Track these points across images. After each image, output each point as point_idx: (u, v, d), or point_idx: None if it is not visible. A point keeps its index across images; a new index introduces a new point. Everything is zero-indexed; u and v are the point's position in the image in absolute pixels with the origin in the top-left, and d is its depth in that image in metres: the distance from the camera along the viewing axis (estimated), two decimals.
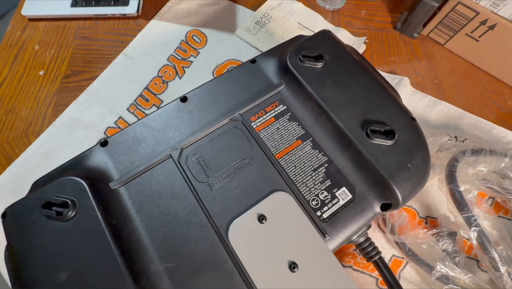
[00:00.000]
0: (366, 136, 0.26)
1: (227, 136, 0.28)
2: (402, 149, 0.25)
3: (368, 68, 0.29)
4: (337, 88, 0.28)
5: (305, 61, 0.29)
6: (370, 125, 0.26)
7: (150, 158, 0.27)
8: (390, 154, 0.25)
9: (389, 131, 0.26)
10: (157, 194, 0.26)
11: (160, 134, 0.28)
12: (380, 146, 0.26)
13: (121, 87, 0.45)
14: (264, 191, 0.26)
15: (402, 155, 0.25)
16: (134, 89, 0.45)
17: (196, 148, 0.28)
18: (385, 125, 0.26)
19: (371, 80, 0.29)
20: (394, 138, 0.25)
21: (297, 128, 0.29)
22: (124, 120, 0.43)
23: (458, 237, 0.34)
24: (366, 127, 0.26)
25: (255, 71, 0.31)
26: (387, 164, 0.25)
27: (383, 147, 0.25)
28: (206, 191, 0.26)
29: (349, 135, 0.26)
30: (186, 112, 0.29)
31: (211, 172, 0.27)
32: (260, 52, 0.48)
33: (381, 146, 0.26)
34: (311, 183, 0.27)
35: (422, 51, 0.49)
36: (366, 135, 0.26)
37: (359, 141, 0.26)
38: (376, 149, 0.25)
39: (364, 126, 0.26)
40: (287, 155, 0.28)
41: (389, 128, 0.26)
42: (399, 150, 0.25)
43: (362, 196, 0.26)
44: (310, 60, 0.29)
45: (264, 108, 0.30)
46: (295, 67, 0.29)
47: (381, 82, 0.29)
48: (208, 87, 0.31)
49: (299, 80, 0.29)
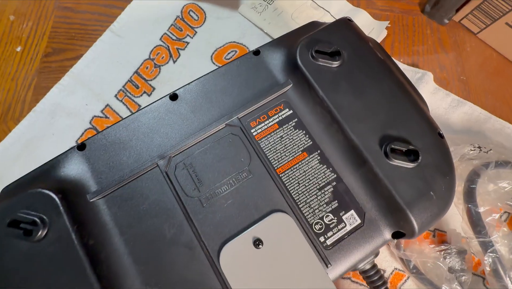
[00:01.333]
0: (384, 155, 0.22)
1: (223, 145, 0.24)
2: (425, 173, 0.22)
3: (393, 70, 0.25)
4: (354, 94, 0.24)
5: (319, 58, 0.24)
6: (391, 143, 0.22)
7: (134, 167, 0.24)
8: (411, 178, 0.22)
9: (412, 152, 0.22)
10: (141, 208, 0.23)
11: (146, 139, 0.25)
12: (399, 168, 0.22)
13: (108, 70, 0.40)
14: (262, 211, 0.23)
15: (424, 180, 0.22)
16: (123, 73, 0.40)
17: (187, 157, 0.24)
18: (408, 144, 0.22)
19: (396, 86, 0.24)
20: (417, 160, 0.22)
21: (303, 138, 0.25)
22: (112, 109, 0.39)
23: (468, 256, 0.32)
24: (386, 145, 0.22)
25: (258, 66, 0.27)
26: (405, 191, 0.21)
27: (402, 170, 0.22)
28: (197, 207, 0.23)
29: (364, 153, 0.22)
30: (176, 113, 0.25)
31: (202, 185, 0.23)
32: (265, 34, 0.42)
33: (401, 169, 0.22)
34: (315, 203, 0.23)
35: (450, 41, 0.43)
36: (385, 155, 0.22)
37: (375, 161, 0.22)
38: (395, 172, 0.22)
39: (383, 143, 0.22)
40: (290, 170, 0.24)
41: (413, 148, 0.22)
42: (422, 175, 0.22)
43: (372, 222, 0.23)
44: (324, 57, 0.24)
45: (266, 112, 0.26)
46: (306, 65, 0.24)
47: (407, 89, 0.24)
48: (202, 83, 0.26)
49: (310, 81, 0.24)
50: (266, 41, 0.43)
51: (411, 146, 0.22)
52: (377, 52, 0.25)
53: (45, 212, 0.20)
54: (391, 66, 0.25)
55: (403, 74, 0.25)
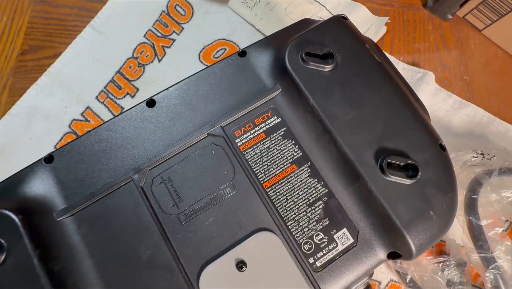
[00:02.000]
0: (380, 170, 0.20)
1: (204, 156, 0.22)
2: (425, 190, 0.20)
3: (392, 75, 0.22)
4: (348, 102, 0.21)
5: (309, 62, 0.22)
6: (387, 156, 0.20)
7: (106, 181, 0.22)
8: (409, 196, 0.20)
9: (411, 166, 0.20)
10: (114, 227, 0.21)
11: (120, 150, 0.22)
12: (396, 185, 0.20)
13: (89, 70, 0.37)
14: (246, 229, 0.21)
15: (423, 198, 0.20)
16: (104, 73, 0.37)
17: (164, 170, 0.22)
18: (406, 157, 0.20)
19: (394, 93, 0.22)
20: (416, 176, 0.20)
21: (292, 149, 0.23)
22: (93, 111, 0.36)
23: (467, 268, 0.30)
24: (382, 158, 0.20)
25: (244, 69, 0.24)
26: (403, 210, 0.19)
27: (400, 187, 0.20)
28: (175, 226, 0.21)
29: (358, 168, 0.20)
30: (154, 121, 0.23)
31: (182, 202, 0.22)
32: (257, 31, 0.39)
33: (398, 185, 0.20)
34: (305, 221, 0.22)
35: (454, 38, 0.41)
36: (380, 170, 0.20)
37: (370, 176, 0.20)
38: (392, 189, 0.20)
39: (378, 156, 0.20)
40: (278, 184, 0.22)
41: (411, 162, 0.20)
42: (421, 192, 0.20)
43: (366, 241, 0.21)
44: (316, 60, 0.22)
45: (252, 119, 0.24)
46: (296, 68, 0.22)
47: (407, 96, 0.22)
48: (182, 88, 0.24)
49: (299, 87, 0.22)
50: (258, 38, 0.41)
51: (410, 160, 0.20)
52: (374, 54, 0.22)
53: (3, 235, 0.18)
54: (389, 70, 0.22)
55: (403, 79, 0.23)
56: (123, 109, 0.36)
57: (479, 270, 0.28)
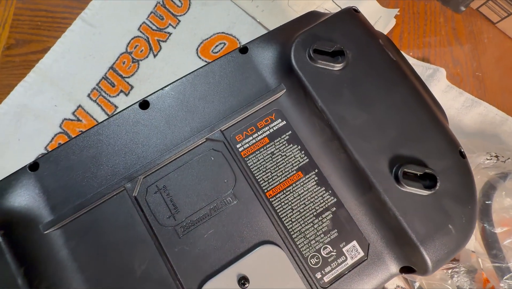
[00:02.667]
0: (394, 180, 0.18)
1: (203, 163, 0.21)
2: (443, 202, 0.18)
3: (408, 74, 0.20)
4: (359, 105, 0.20)
5: (318, 59, 0.20)
6: (403, 165, 0.18)
7: (97, 191, 0.20)
8: (426, 208, 0.18)
9: (428, 176, 0.18)
10: (106, 240, 0.19)
11: (111, 157, 0.21)
12: (412, 196, 0.18)
13: (80, 66, 0.35)
14: (249, 242, 0.20)
15: (442, 211, 0.18)
16: (97, 69, 0.35)
17: (160, 178, 0.21)
18: (423, 166, 0.18)
19: (410, 94, 0.20)
20: (435, 187, 0.18)
21: (298, 155, 0.21)
22: (85, 110, 0.34)
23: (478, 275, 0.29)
24: (397, 167, 0.18)
25: (245, 67, 0.22)
26: (419, 224, 0.18)
27: (416, 198, 0.18)
28: (172, 239, 0.19)
29: (371, 177, 0.19)
30: (147, 125, 0.21)
31: (179, 212, 0.20)
32: (258, 24, 0.37)
33: (414, 197, 0.18)
34: (312, 233, 0.20)
35: (466, 31, 0.39)
36: (395, 180, 0.18)
37: (383, 187, 0.18)
38: (407, 200, 0.18)
39: (393, 165, 0.19)
40: (282, 193, 0.21)
41: (429, 171, 0.18)
42: (439, 204, 0.18)
43: (377, 255, 0.20)
44: (324, 58, 0.20)
45: (255, 123, 0.22)
46: (302, 67, 0.20)
47: (424, 98, 0.20)
48: (179, 88, 0.22)
49: (306, 87, 0.20)
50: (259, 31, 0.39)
51: (428, 169, 0.18)
52: (389, 51, 0.20)
53: None
54: (405, 69, 0.21)
55: (419, 79, 0.21)
56: (116, 108, 0.34)
57: (491, 279, 0.27)
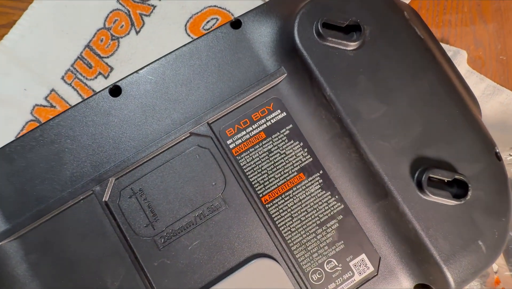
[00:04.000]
0: (417, 187, 0.15)
1: (186, 162, 0.17)
2: (474, 214, 0.15)
3: (438, 56, 0.17)
4: (377, 94, 0.16)
5: (327, 37, 0.16)
6: (428, 169, 0.15)
7: (60, 195, 0.17)
8: (452, 221, 0.15)
9: (458, 183, 0.15)
10: (72, 254, 0.16)
11: (77, 154, 0.17)
12: (437, 207, 0.15)
13: (52, 43, 0.31)
14: (241, 255, 0.17)
15: (471, 225, 0.15)
16: (71, 47, 0.31)
17: (135, 180, 0.17)
18: (452, 171, 0.15)
19: (440, 82, 0.16)
20: (466, 196, 0.15)
21: (300, 154, 0.18)
22: (59, 95, 0.30)
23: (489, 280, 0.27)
24: (420, 172, 0.15)
25: (238, 45, 0.18)
26: (443, 239, 0.15)
27: (442, 209, 0.15)
28: (151, 251, 0.17)
29: (388, 183, 0.15)
30: (119, 115, 0.18)
31: (158, 220, 0.17)
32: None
33: (439, 207, 0.15)
34: (314, 245, 0.17)
35: (492, 8, 0.34)
36: (418, 186, 0.15)
37: (403, 194, 0.15)
38: (431, 212, 0.15)
39: (416, 169, 0.15)
40: (281, 198, 0.18)
41: (460, 177, 0.15)
42: (469, 216, 0.15)
43: (389, 270, 0.17)
44: (336, 34, 0.16)
45: (249, 114, 0.18)
46: (308, 46, 0.16)
47: (456, 86, 0.16)
48: (157, 72, 0.18)
49: (312, 71, 0.16)
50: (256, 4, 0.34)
51: (458, 175, 0.15)
52: (415, 27, 0.16)
53: None
54: (434, 49, 0.17)
55: (450, 62, 0.17)
56: (95, 92, 0.31)
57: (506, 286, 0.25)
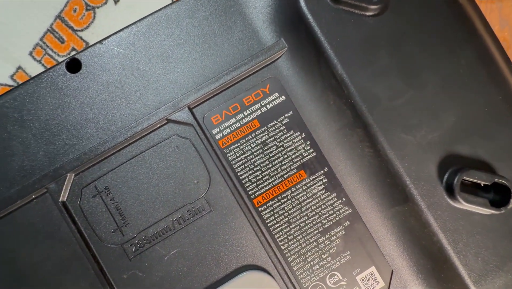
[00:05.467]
0: (445, 191, 0.12)
1: (163, 155, 0.14)
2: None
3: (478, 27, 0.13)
4: (401, 75, 0.13)
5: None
6: (461, 171, 0.12)
7: (7, 194, 0.14)
8: (488, 234, 0.12)
9: (497, 187, 0.12)
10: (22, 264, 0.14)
11: (28, 142, 0.14)
12: (470, 216, 0.12)
13: (16, 12, 0.27)
14: (227, 267, 0.14)
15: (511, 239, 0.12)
16: (39, 18, 0.27)
17: (100, 176, 0.14)
18: (491, 172, 0.12)
19: (481, 59, 0.13)
20: (507, 204, 0.12)
21: (302, 147, 0.15)
22: (27, 73, 0.27)
23: None
24: (451, 173, 0.12)
25: (228, 10, 0.15)
26: (475, 256, 0.12)
27: (475, 219, 0.12)
28: (119, 261, 0.14)
29: (409, 185, 0.13)
30: (78, 96, 0.14)
31: (128, 225, 0.14)
32: None
33: (473, 217, 0.12)
34: (315, 256, 0.15)
35: None
36: (446, 191, 0.12)
37: (428, 200, 0.12)
38: (462, 222, 0.12)
39: (445, 169, 0.12)
40: (276, 200, 0.15)
41: (500, 181, 0.12)
42: (508, 229, 0.12)
43: (403, 286, 0.14)
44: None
45: (240, 98, 0.15)
46: (316, 11, 0.13)
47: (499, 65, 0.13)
48: (126, 42, 0.15)
49: (321, 44, 0.13)
50: None
51: (498, 178, 0.12)
52: None
53: None
54: (475, 19, 0.13)
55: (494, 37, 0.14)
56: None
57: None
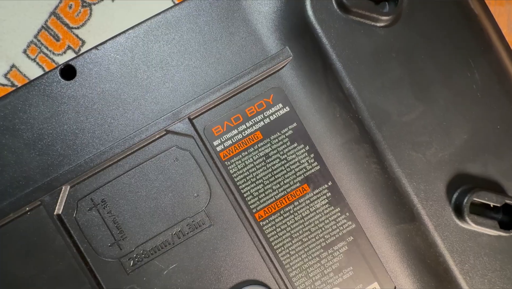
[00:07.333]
0: (453, 212, 0.12)
1: (162, 168, 0.14)
2: None
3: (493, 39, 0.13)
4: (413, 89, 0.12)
5: (352, 8, 0.12)
6: (471, 191, 0.12)
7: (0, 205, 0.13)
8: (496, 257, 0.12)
9: (506, 208, 0.12)
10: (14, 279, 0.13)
11: (20, 152, 0.14)
12: (478, 238, 0.12)
13: (9, 9, 0.27)
14: (228, 282, 0.14)
15: None
16: (33, 15, 0.27)
17: (96, 188, 0.14)
18: (501, 193, 0.12)
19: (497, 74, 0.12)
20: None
21: (305, 160, 0.14)
22: (21, 72, 0.26)
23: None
24: (461, 193, 0.12)
25: (231, 15, 0.14)
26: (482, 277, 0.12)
27: (483, 241, 0.12)
28: (117, 275, 0.14)
29: (417, 205, 0.12)
30: (73, 105, 0.14)
31: (126, 239, 0.14)
32: None
33: (481, 238, 0.12)
34: (317, 271, 0.14)
35: None
36: (455, 211, 0.12)
37: (436, 220, 0.12)
38: (469, 244, 0.12)
39: (454, 188, 0.12)
40: (279, 214, 0.14)
41: (510, 202, 0.12)
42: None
43: None
44: (363, 4, 0.12)
45: (243, 108, 0.14)
46: (325, 20, 0.12)
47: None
48: (123, 47, 0.14)
49: (329, 55, 0.12)
50: None
51: (509, 199, 0.12)
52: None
53: None
54: (491, 31, 0.13)
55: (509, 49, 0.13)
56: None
57: None
